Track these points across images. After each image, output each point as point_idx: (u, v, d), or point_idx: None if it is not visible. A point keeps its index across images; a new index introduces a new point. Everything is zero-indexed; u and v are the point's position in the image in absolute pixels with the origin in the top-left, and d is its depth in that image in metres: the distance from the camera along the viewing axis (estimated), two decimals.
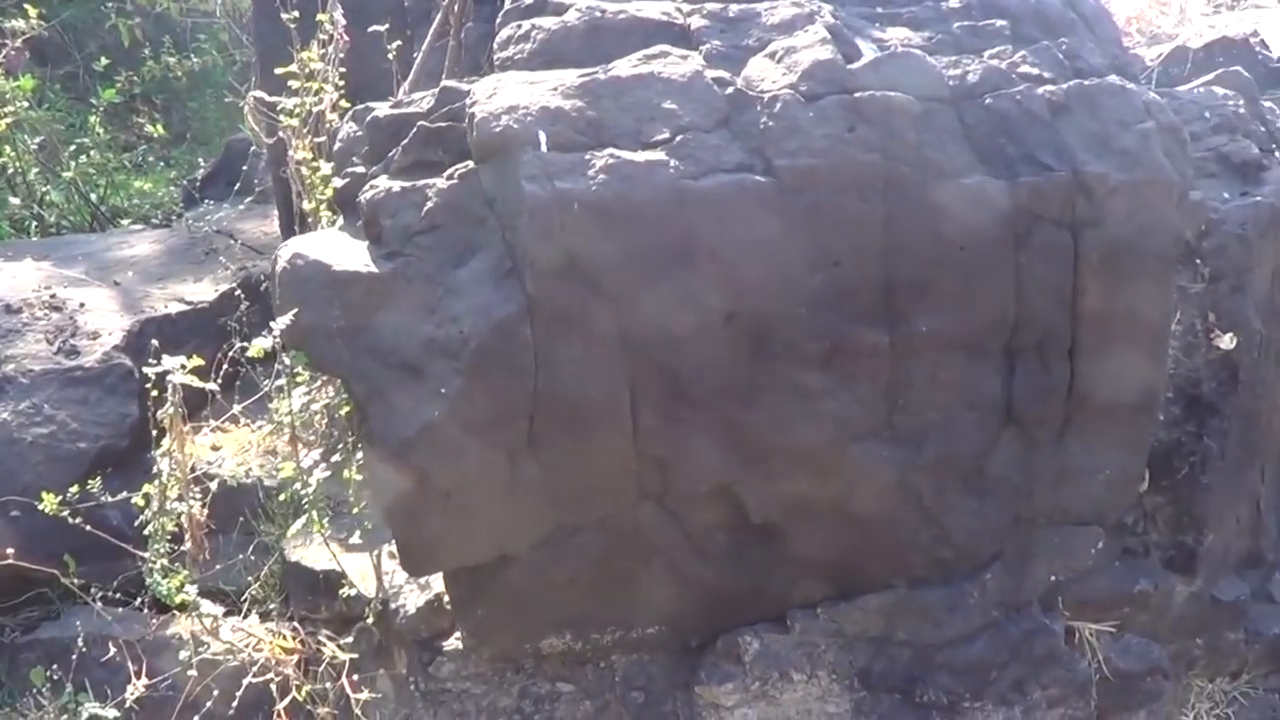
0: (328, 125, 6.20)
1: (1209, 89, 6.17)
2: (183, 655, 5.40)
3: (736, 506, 4.82)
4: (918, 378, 4.74)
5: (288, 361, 5.20)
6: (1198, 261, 5.44)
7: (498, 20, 5.34)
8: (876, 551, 5.05)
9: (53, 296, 7.31)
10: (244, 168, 10.11)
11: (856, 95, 4.63)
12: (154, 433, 5.30)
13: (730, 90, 4.65)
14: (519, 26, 5.10)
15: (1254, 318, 5.52)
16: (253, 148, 9.98)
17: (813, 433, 4.68)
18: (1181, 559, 5.66)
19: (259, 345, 4.70)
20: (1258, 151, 5.87)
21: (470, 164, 4.57)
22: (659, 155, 4.38)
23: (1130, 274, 4.89)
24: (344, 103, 6.17)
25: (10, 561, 5.13)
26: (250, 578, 6.06)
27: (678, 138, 4.45)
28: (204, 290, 7.92)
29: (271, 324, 4.57)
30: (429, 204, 4.55)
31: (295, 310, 4.46)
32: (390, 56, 6.56)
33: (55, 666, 5.74)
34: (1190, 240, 5.38)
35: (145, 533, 5.16)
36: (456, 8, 6.69)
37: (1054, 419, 5.03)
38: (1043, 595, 5.41)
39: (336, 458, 5.78)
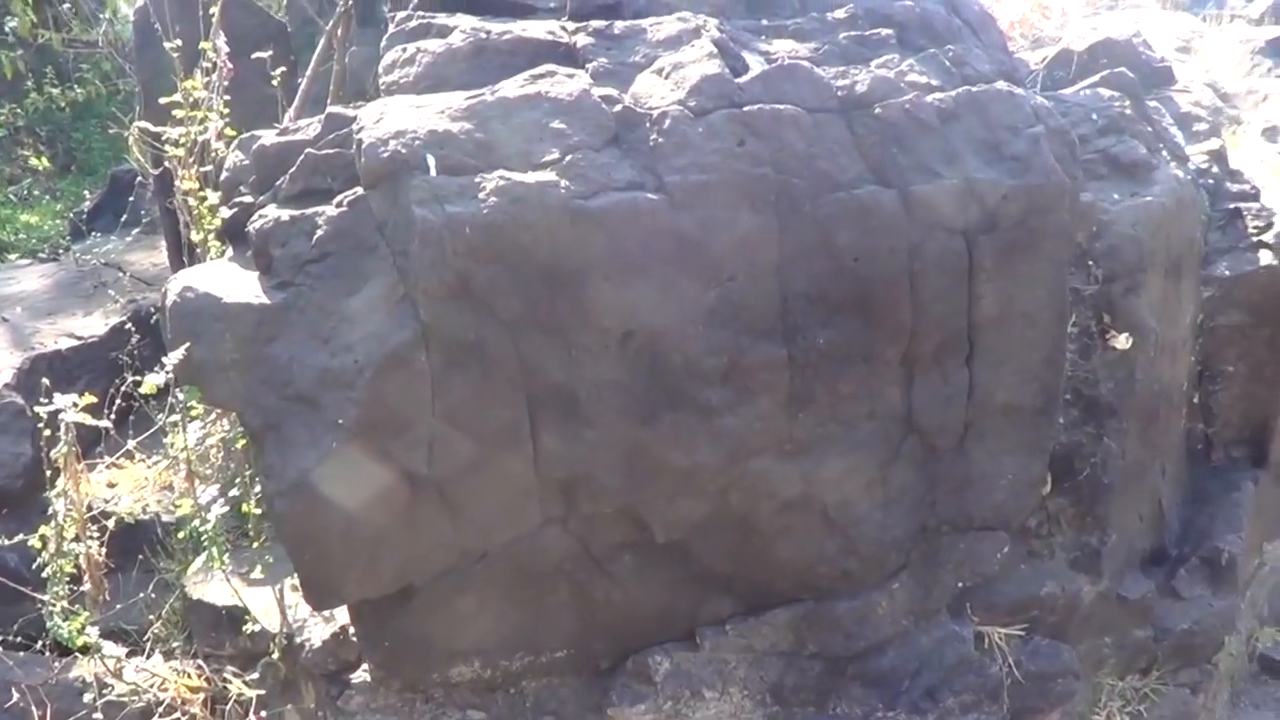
0: (214, 154, 6.15)
1: (1095, 91, 6.26)
2: (87, 698, 5.34)
3: (641, 526, 4.82)
4: (817, 390, 4.76)
5: (181, 396, 5.13)
6: (1090, 263, 5.51)
7: (382, 44, 5.30)
8: (783, 566, 5.06)
9: None
10: (130, 199, 10.02)
11: (745, 109, 4.64)
12: (48, 472, 5.21)
13: (618, 108, 4.64)
14: (404, 50, 5.07)
15: (1148, 317, 5.60)
16: (139, 178, 9.87)
17: (714, 450, 4.68)
18: (1086, 559, 5.73)
19: (151, 381, 4.63)
20: (1145, 152, 5.96)
21: (359, 190, 4.53)
22: (549, 176, 4.36)
23: (1024, 279, 4.95)
24: (230, 131, 6.12)
25: None
26: (152, 616, 5.99)
27: (567, 157, 4.43)
28: (94, 324, 7.83)
29: (164, 359, 4.51)
30: (319, 232, 4.52)
31: (187, 345, 4.40)
32: (275, 83, 6.51)
33: None
34: (1082, 242, 5.45)
35: (44, 575, 5.08)
36: (340, 32, 6.67)
37: (955, 426, 5.07)
38: (951, 602, 5.46)
39: (235, 491, 5.73)
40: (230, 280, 4.63)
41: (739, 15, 5.42)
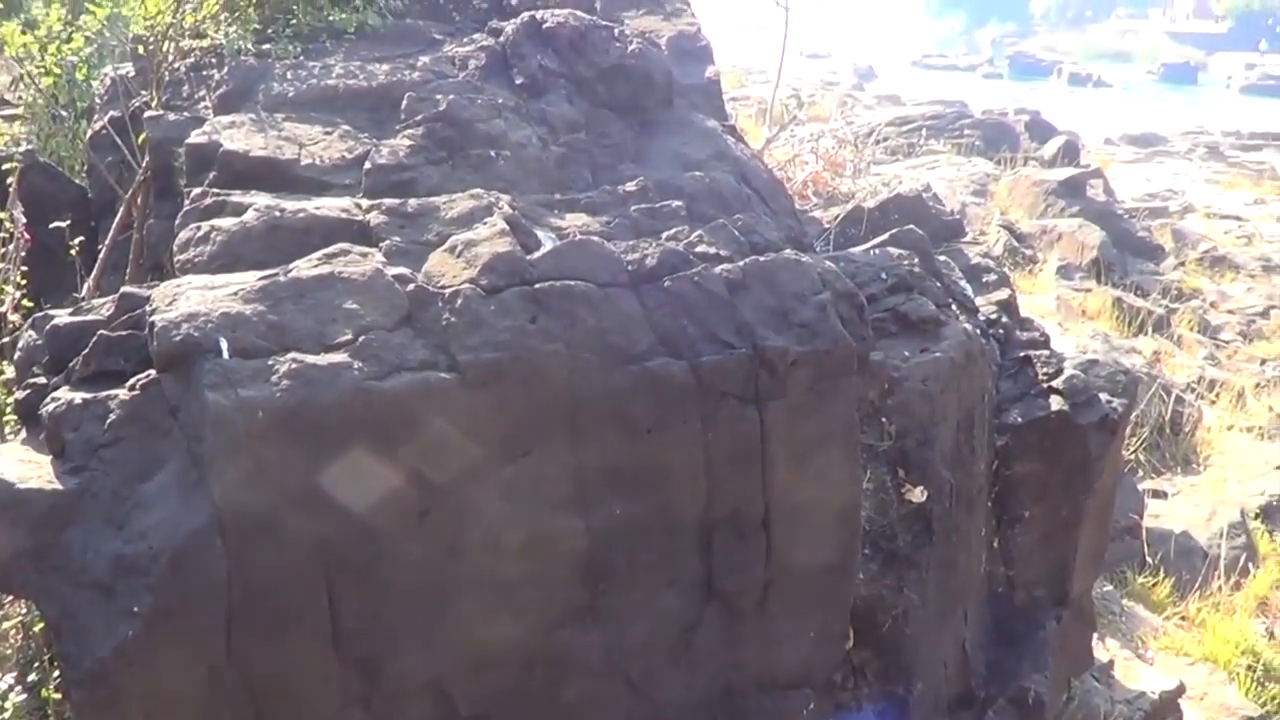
0: (10, 327, 6.10)
1: (884, 250, 6.52)
2: None
3: (447, 702, 4.83)
4: (616, 560, 4.86)
5: None
6: (884, 420, 5.71)
7: (177, 220, 5.35)
8: None
9: None
10: None
11: (537, 286, 4.78)
12: None
13: (411, 287, 4.75)
14: (198, 228, 5.13)
15: (942, 469, 5.81)
16: None
17: (516, 623, 4.75)
18: (894, 710, 5.85)
19: None
20: (934, 308, 6.22)
21: (153, 373, 4.55)
22: (342, 357, 4.44)
23: (817, 441, 5.12)
24: (27, 302, 6.08)
25: None
26: None
27: (360, 338, 4.52)
28: None
29: None
30: (112, 416, 4.52)
31: None
32: (74, 253, 6.49)
33: None
34: (875, 400, 5.65)
35: None
36: (139, 201, 6.68)
37: (755, 588, 5.19)
38: None
39: (34, 676, 5.63)
40: (23, 465, 4.59)
41: (532, 190, 5.57)
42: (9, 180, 6.69)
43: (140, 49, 7.11)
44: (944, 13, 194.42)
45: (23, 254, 6.37)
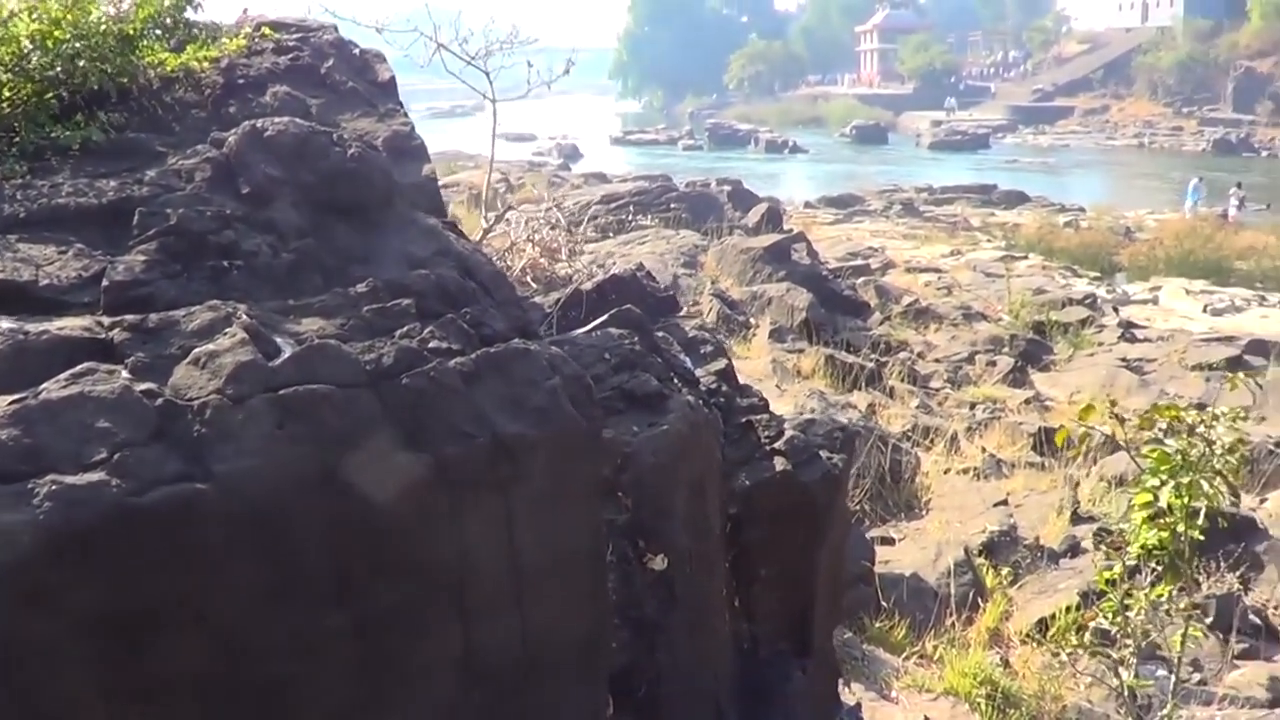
0: None
1: (605, 331, 6.90)
2: None
3: None
4: (382, 652, 5.04)
5: None
6: (620, 494, 6.05)
7: None
8: None
9: None
10: None
11: (281, 392, 4.96)
12: None
13: (160, 401, 4.87)
14: None
15: (680, 536, 6.17)
16: None
17: None
18: None
19: None
20: (657, 383, 6.60)
21: None
22: (100, 475, 4.54)
23: (560, 521, 5.42)
24: None
25: None
26: None
27: (116, 455, 4.61)
28: None
29: None
30: None
31: None
32: None
33: None
34: (610, 475, 5.98)
35: None
36: None
37: (513, 666, 5.43)
38: None
39: None
40: None
41: (266, 297, 5.72)
42: None
43: None
44: (642, 89, 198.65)
45: None
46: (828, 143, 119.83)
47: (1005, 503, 15.03)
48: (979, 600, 12.30)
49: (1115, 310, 33.48)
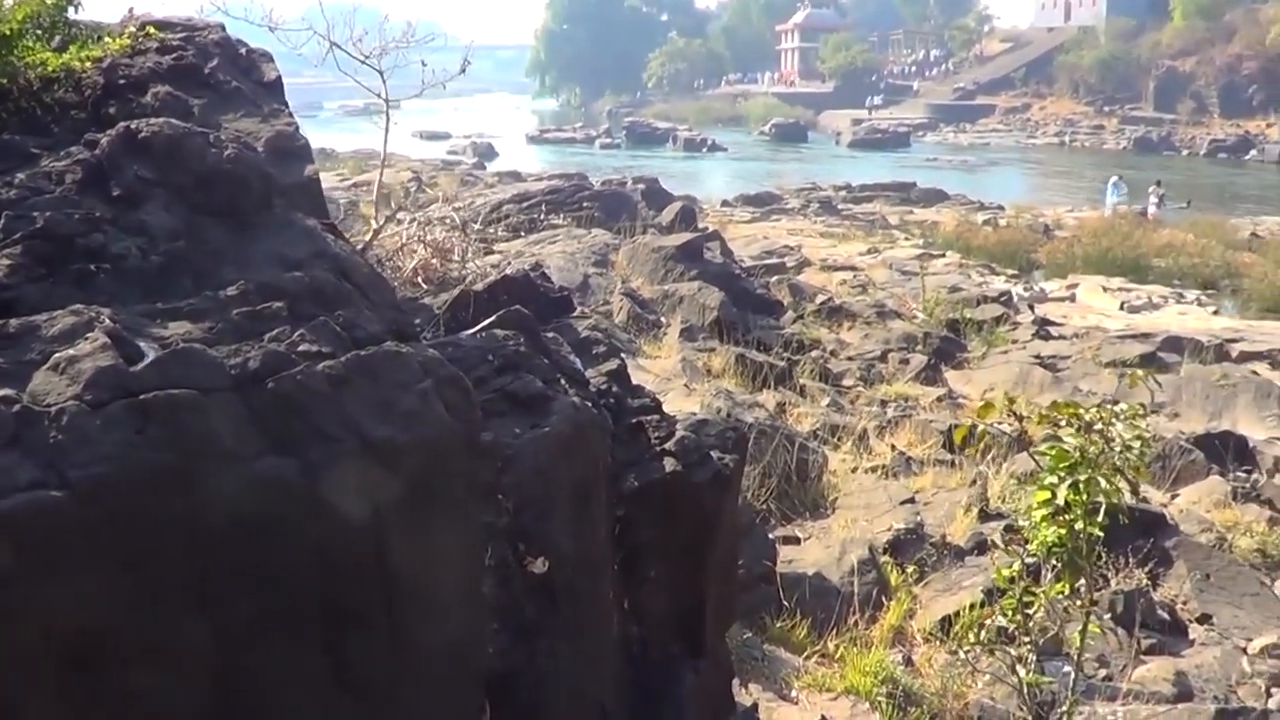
0: None
1: (491, 333, 6.86)
2: None
3: None
4: (245, 662, 4.98)
5: None
6: (500, 497, 6.01)
7: None
8: None
9: None
10: None
11: (142, 397, 4.89)
12: None
13: (17, 408, 4.79)
14: None
15: (560, 538, 6.14)
16: None
17: None
18: None
19: None
20: (541, 385, 6.57)
21: None
22: None
23: (433, 526, 5.38)
24: None
25: None
26: None
27: None
28: None
29: None
30: None
31: None
32: None
33: None
34: (489, 478, 5.95)
35: None
36: None
37: (385, 673, 5.38)
38: None
39: None
40: None
41: (134, 301, 5.65)
42: None
43: None
44: (560, 87, 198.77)
45: None
46: (747, 141, 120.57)
47: (913, 500, 15.10)
48: (883, 599, 12.36)
49: (1031, 308, 33.80)
